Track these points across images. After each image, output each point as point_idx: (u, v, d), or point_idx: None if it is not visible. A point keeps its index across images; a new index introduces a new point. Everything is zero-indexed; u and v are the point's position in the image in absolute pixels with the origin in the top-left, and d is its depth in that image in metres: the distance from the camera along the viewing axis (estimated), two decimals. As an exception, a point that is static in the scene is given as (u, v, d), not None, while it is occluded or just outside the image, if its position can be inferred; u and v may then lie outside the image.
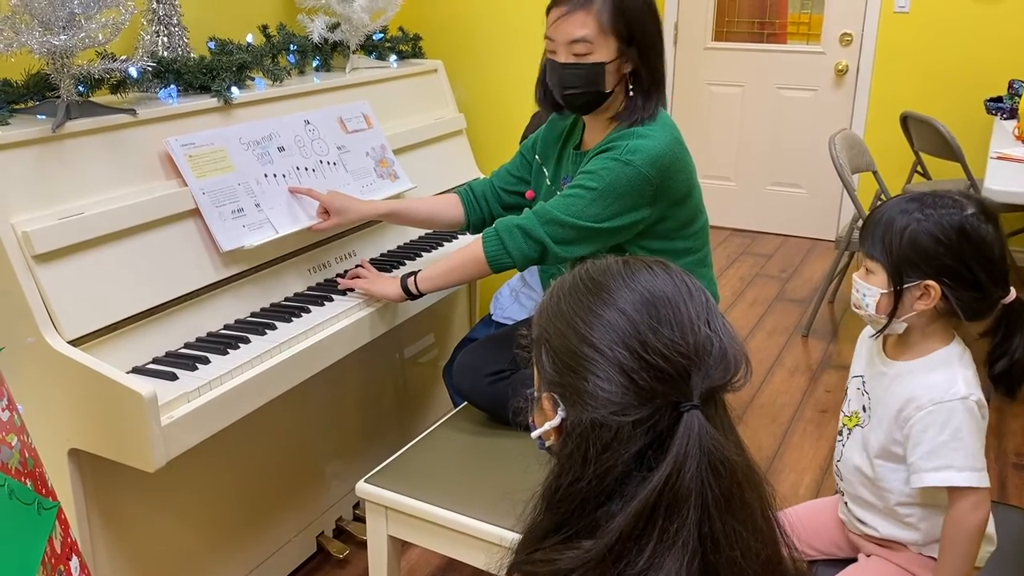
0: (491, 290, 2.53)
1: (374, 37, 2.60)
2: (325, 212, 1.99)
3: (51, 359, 1.48)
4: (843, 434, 1.52)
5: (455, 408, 2.03)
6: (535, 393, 0.92)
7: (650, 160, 1.70)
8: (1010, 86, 3.90)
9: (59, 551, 1.24)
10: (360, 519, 2.27)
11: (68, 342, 1.49)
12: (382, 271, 2.06)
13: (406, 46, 2.70)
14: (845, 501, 1.53)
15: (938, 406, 1.33)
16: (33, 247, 1.49)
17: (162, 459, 1.46)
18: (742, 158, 4.95)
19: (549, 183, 1.96)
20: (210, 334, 1.74)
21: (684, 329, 0.82)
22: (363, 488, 1.72)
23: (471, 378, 1.93)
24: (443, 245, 2.32)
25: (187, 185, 1.78)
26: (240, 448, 1.93)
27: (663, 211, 1.77)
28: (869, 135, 4.46)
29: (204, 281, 1.77)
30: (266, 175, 1.95)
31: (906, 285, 1.34)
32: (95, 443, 1.52)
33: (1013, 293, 1.36)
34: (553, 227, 1.74)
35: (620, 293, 0.85)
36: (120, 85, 1.84)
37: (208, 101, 1.93)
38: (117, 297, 1.60)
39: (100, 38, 1.64)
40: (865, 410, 1.47)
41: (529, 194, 2.02)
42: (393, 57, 2.62)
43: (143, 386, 1.43)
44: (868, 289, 1.38)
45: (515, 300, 2.38)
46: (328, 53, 2.47)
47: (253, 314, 1.84)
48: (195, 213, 1.79)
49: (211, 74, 1.95)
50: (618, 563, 0.80)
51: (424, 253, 2.25)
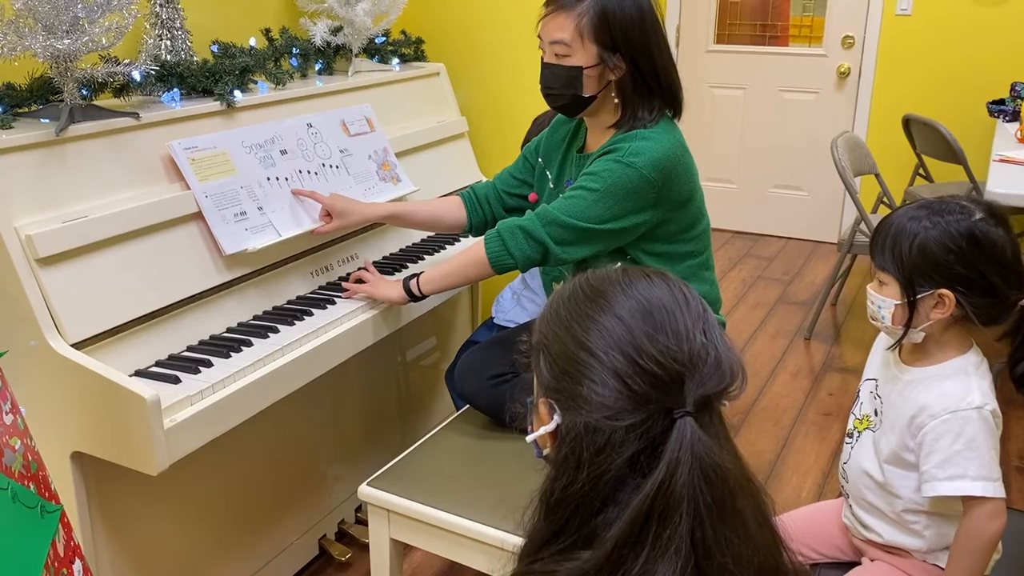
0: (493, 293, 2.53)
1: (376, 40, 2.60)
2: (327, 215, 1.99)
3: (54, 362, 1.49)
4: (853, 436, 1.51)
5: (457, 411, 2.03)
6: (533, 400, 0.92)
7: (652, 163, 1.70)
8: (1012, 88, 3.89)
9: (62, 555, 1.24)
10: (362, 522, 2.27)
11: (71, 345, 1.50)
12: (384, 274, 2.06)
13: (408, 49, 2.71)
14: (850, 505, 1.52)
15: (953, 415, 1.32)
16: (36, 250, 1.49)
17: (165, 462, 1.46)
18: (744, 161, 4.95)
19: (552, 186, 1.96)
20: (213, 337, 1.74)
21: (679, 336, 0.83)
22: (365, 491, 1.72)
23: (473, 381, 1.93)
24: (445, 248, 2.32)
25: (190, 188, 1.79)
26: (243, 451, 1.93)
27: (665, 214, 1.77)
28: (871, 138, 4.46)
29: (207, 284, 1.77)
30: (269, 178, 1.95)
31: (919, 295, 1.32)
32: (98, 446, 1.52)
33: None
34: (554, 228, 1.74)
35: (617, 300, 0.86)
36: (123, 89, 1.85)
37: (211, 104, 1.93)
38: (120, 300, 1.60)
39: (103, 42, 1.65)
40: (877, 414, 1.46)
41: (532, 197, 2.02)
42: (395, 60, 2.63)
43: (146, 389, 1.43)
44: (883, 301, 1.37)
45: (517, 303, 2.38)
46: (331, 56, 2.48)
47: (256, 317, 1.84)
48: (198, 216, 1.79)
49: (214, 77, 1.96)
50: (615, 571, 0.80)
51: (426, 256, 2.25)
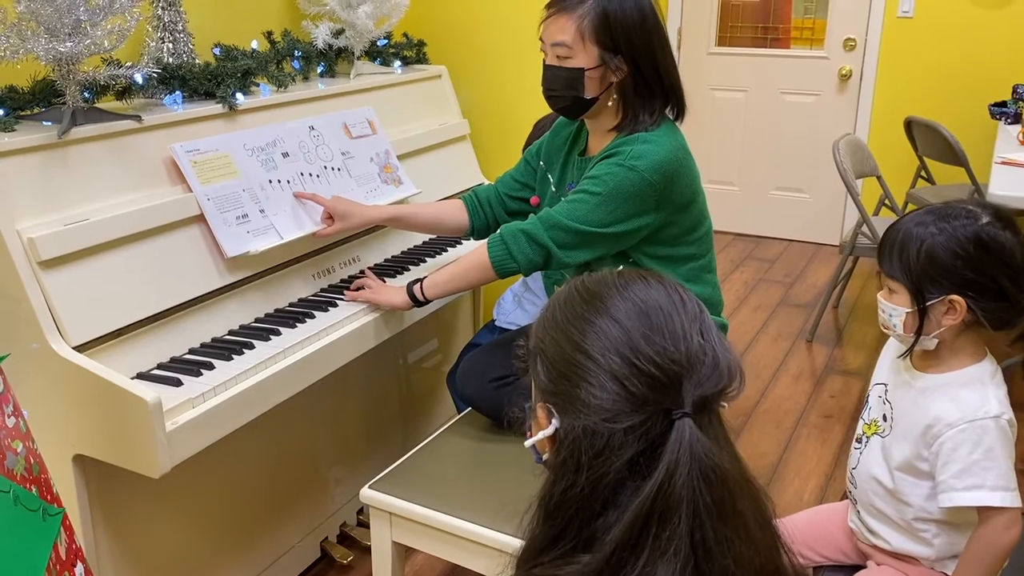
0: (494, 296, 2.53)
1: (378, 43, 2.60)
2: (330, 217, 1.99)
3: (56, 365, 1.49)
4: (862, 442, 1.49)
5: (459, 414, 2.03)
6: (531, 405, 0.92)
7: (654, 166, 1.70)
8: (1014, 91, 3.89)
9: (64, 557, 1.24)
10: (364, 524, 2.27)
11: (73, 348, 1.50)
12: (386, 276, 2.06)
13: (410, 52, 2.71)
14: (857, 510, 1.51)
15: (971, 424, 1.30)
16: (38, 253, 1.49)
17: (167, 465, 1.46)
18: (745, 163, 4.95)
19: (554, 189, 1.96)
20: (215, 340, 1.74)
21: (676, 337, 0.83)
22: (367, 494, 1.72)
23: (475, 384, 1.93)
24: (447, 251, 2.32)
25: (192, 191, 1.79)
26: (244, 453, 1.93)
27: (667, 217, 1.77)
28: (873, 140, 4.46)
29: (209, 287, 1.77)
30: (270, 181, 1.95)
31: (929, 302, 1.31)
32: (100, 449, 1.52)
33: None
34: (557, 232, 1.74)
35: (614, 302, 0.86)
36: (125, 91, 1.85)
37: (213, 107, 1.93)
38: (122, 303, 1.60)
39: (106, 45, 1.65)
40: (886, 419, 1.44)
41: (534, 200, 2.02)
42: (397, 63, 2.63)
43: (148, 392, 1.43)
44: (893, 309, 1.35)
45: (518, 305, 2.38)
46: (332, 59, 2.48)
47: (257, 320, 1.84)
48: (200, 219, 1.79)
49: (216, 80, 1.96)
50: (616, 574, 0.80)
51: (428, 258, 2.25)
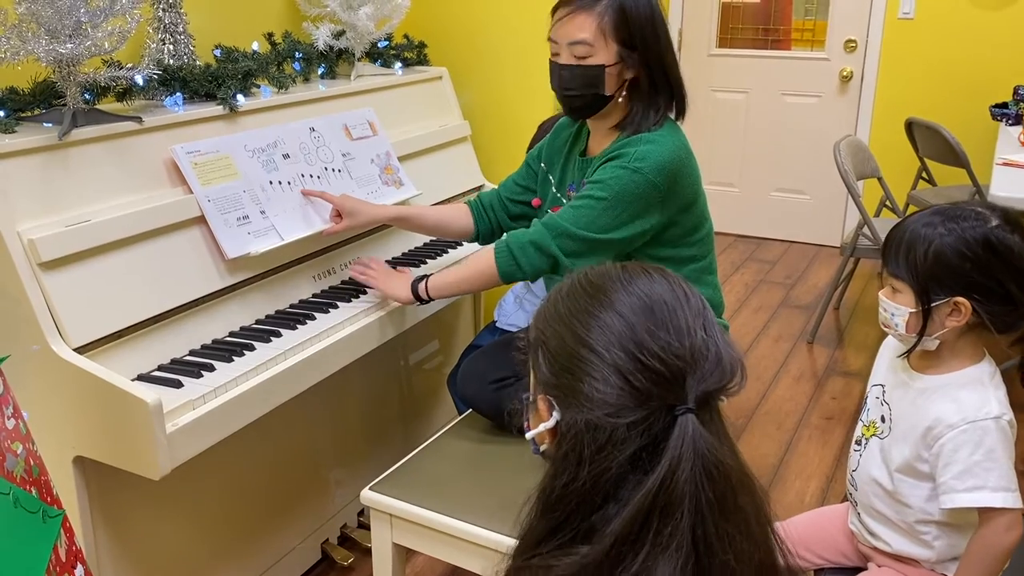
0: (495, 297, 2.53)
1: (379, 44, 2.60)
2: (338, 215, 1.99)
3: (56, 366, 1.48)
4: (861, 444, 1.49)
5: (460, 415, 2.03)
6: (530, 396, 0.92)
7: (658, 166, 1.70)
8: (1015, 92, 3.89)
9: (64, 559, 1.24)
10: (365, 526, 2.27)
11: (73, 349, 1.50)
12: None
13: (411, 53, 2.71)
14: (858, 512, 1.51)
15: (972, 425, 1.30)
16: (39, 254, 1.49)
17: (167, 466, 1.46)
18: (746, 164, 4.95)
19: (555, 190, 1.96)
20: (215, 341, 1.74)
21: (680, 333, 0.82)
22: (368, 495, 1.72)
23: (476, 385, 1.93)
24: (447, 252, 2.32)
25: (192, 192, 1.79)
26: (245, 455, 1.93)
27: (670, 217, 1.77)
28: (874, 141, 4.46)
29: (209, 288, 1.77)
30: (271, 182, 1.95)
31: (934, 303, 1.30)
32: (100, 451, 1.52)
33: None
34: (564, 240, 1.74)
35: (618, 297, 0.85)
36: (126, 93, 1.85)
37: (214, 109, 1.93)
38: (122, 304, 1.60)
39: (106, 46, 1.65)
40: (884, 420, 1.44)
41: (536, 202, 2.03)
42: (398, 64, 2.63)
43: (148, 393, 1.43)
44: (896, 308, 1.34)
45: (519, 307, 2.38)
46: (333, 60, 2.48)
47: (258, 321, 1.84)
48: (200, 220, 1.79)
49: (217, 82, 1.96)
50: (615, 568, 0.79)
51: (429, 259, 2.25)
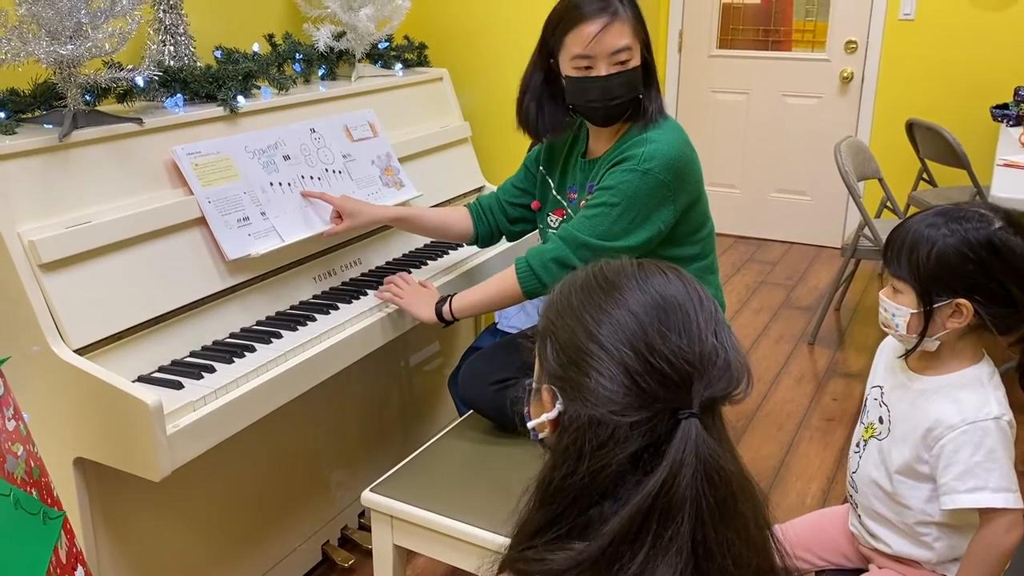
0: (496, 298, 2.52)
1: (379, 46, 2.60)
2: (338, 216, 1.99)
3: (57, 368, 1.48)
4: (860, 445, 1.48)
5: (460, 417, 2.02)
6: (534, 384, 0.91)
7: (667, 164, 1.72)
8: (1016, 93, 3.89)
9: (64, 561, 1.24)
10: (365, 528, 2.27)
11: (74, 351, 1.49)
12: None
13: (411, 54, 2.71)
14: (858, 514, 1.50)
15: (972, 426, 1.29)
16: (39, 256, 1.49)
17: (168, 468, 1.46)
18: (747, 165, 4.95)
19: (555, 193, 1.96)
20: (216, 343, 1.74)
21: (692, 337, 0.82)
22: (368, 497, 1.72)
23: (477, 386, 1.93)
24: (448, 254, 2.32)
25: (193, 194, 1.79)
26: (245, 457, 1.93)
27: (678, 213, 1.78)
28: (874, 142, 4.45)
29: (210, 290, 1.77)
30: (272, 183, 1.95)
31: (936, 305, 1.29)
32: (101, 452, 1.52)
33: None
34: (584, 252, 1.74)
35: (632, 294, 0.84)
36: (127, 94, 1.85)
37: (214, 110, 1.93)
38: (123, 306, 1.60)
39: (107, 47, 1.65)
40: (883, 421, 1.43)
41: (535, 205, 2.02)
42: (398, 66, 2.63)
43: (148, 395, 1.43)
44: (897, 309, 1.33)
45: (521, 308, 2.38)
46: (334, 62, 2.48)
47: (259, 322, 1.84)
48: (201, 222, 1.79)
49: (217, 83, 1.96)
50: (611, 566, 0.79)
51: (429, 260, 2.25)
